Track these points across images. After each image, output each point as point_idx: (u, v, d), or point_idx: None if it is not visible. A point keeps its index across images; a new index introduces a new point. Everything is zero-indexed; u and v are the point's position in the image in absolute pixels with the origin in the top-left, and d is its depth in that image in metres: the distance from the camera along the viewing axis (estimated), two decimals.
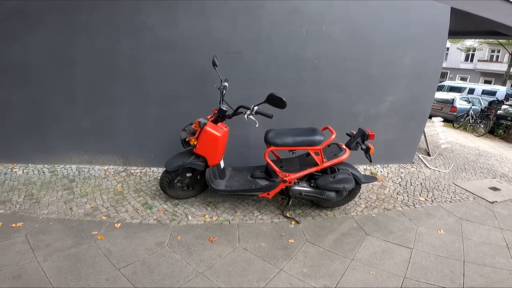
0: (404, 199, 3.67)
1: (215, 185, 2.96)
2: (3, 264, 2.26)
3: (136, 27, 3.35)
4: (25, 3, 3.21)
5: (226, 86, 3.03)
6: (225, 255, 2.54)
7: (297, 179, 2.94)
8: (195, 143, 2.85)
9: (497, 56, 24.88)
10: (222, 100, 2.94)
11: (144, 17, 3.32)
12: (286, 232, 2.88)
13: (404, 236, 2.93)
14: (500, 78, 21.37)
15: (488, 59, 25.29)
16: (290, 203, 3.15)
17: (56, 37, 3.34)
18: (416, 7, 3.61)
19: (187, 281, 2.24)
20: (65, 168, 3.86)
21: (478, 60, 25.52)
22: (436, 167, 4.77)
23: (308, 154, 3.00)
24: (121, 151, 3.91)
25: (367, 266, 2.52)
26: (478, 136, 9.17)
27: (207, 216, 3.03)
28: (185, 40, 3.38)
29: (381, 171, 4.43)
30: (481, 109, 10.38)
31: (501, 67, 22.83)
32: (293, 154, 2.97)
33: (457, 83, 17.39)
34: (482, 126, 9.72)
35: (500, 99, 12.37)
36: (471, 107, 10.58)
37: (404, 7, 3.60)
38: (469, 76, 25.87)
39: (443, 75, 26.29)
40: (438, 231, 3.04)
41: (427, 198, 3.74)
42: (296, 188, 2.93)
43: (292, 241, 2.77)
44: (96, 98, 3.62)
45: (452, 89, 15.39)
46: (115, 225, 2.79)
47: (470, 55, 26.44)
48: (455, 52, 26.15)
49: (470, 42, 23.95)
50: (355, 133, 2.93)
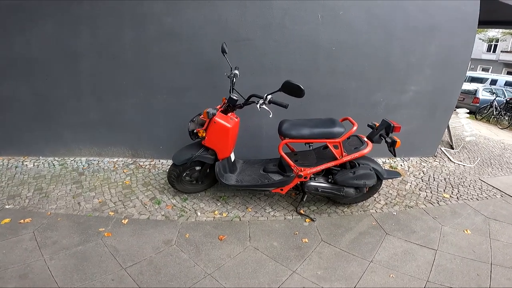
0: (427, 196, 3.43)
1: (225, 180, 2.82)
2: (10, 263, 2.21)
3: (141, 17, 3.20)
4: None
5: (237, 74, 2.84)
6: (235, 255, 2.42)
7: (313, 174, 2.77)
8: (204, 135, 2.70)
9: None
10: (233, 89, 2.77)
11: (149, 6, 3.17)
12: (300, 231, 2.73)
13: (428, 236, 2.73)
14: None
15: None
16: (305, 199, 2.98)
17: (60, 30, 3.24)
18: None
19: (195, 283, 2.13)
20: (75, 161, 3.82)
21: (501, 51, 24.35)
22: (461, 161, 4.47)
23: (326, 147, 2.81)
24: (130, 143, 3.83)
25: (387, 269, 2.34)
26: (502, 129, 8.70)
27: (217, 212, 2.91)
28: (192, 29, 3.21)
29: (401, 165, 4.18)
30: (506, 101, 9.81)
31: None
32: (310, 147, 2.78)
33: (479, 74, 16.60)
34: (507, 119, 9.20)
35: None
36: (495, 99, 10.02)
37: None
38: (491, 67, 24.75)
39: None
40: (465, 231, 2.82)
41: (452, 195, 3.49)
42: (312, 184, 2.75)
43: (306, 241, 2.61)
44: (103, 90, 3.53)
45: (474, 80, 14.72)
46: (123, 221, 2.71)
47: (493, 46, 25.22)
48: (477, 42, 24.87)
49: (493, 33, 22.73)
50: (378, 125, 2.70)
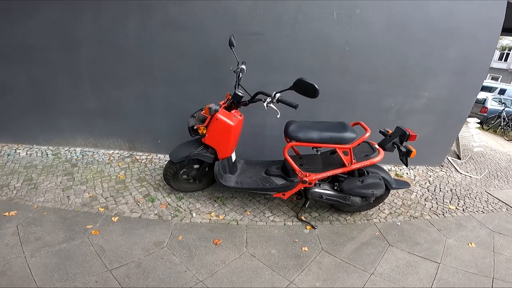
0: (433, 207, 3.28)
1: (224, 181, 2.66)
2: None
3: (146, 4, 3.03)
4: None
5: (244, 69, 2.67)
6: (230, 262, 2.27)
7: (318, 180, 2.61)
8: (204, 132, 2.53)
9: None
10: (238, 85, 2.60)
11: None
12: (300, 238, 2.58)
13: (431, 249, 2.61)
14: None
15: None
16: (307, 205, 2.83)
17: (60, 16, 3.09)
18: None
19: None
20: (69, 151, 3.67)
21: None
22: (467, 172, 4.32)
23: (333, 152, 2.65)
24: (127, 135, 3.68)
25: (388, 282, 2.22)
26: (508, 140, 8.51)
27: (213, 214, 2.76)
28: (199, 19, 3.04)
29: (407, 173, 4.02)
30: None
31: None
32: (317, 152, 2.62)
33: (488, 82, 16.30)
34: None
35: None
36: (504, 109, 9.81)
37: None
38: (501, 76, 24.43)
39: None
40: (469, 245, 2.71)
41: (458, 207, 3.34)
42: (317, 191, 2.59)
43: (306, 249, 2.47)
44: (103, 79, 3.37)
45: (482, 88, 14.41)
46: (112, 219, 2.56)
47: (505, 54, 24.92)
48: None
49: (507, 41, 22.42)
50: (391, 132, 2.54)
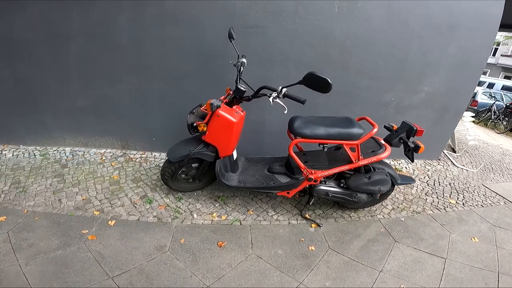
0: (434, 201, 3.27)
1: (226, 180, 2.56)
2: None
3: None
4: None
5: (244, 63, 2.54)
6: (236, 264, 2.18)
7: (324, 178, 2.54)
8: (205, 130, 2.41)
9: None
10: (240, 79, 2.47)
11: None
12: (306, 237, 2.52)
13: (437, 244, 2.60)
14: None
15: None
16: (311, 203, 2.76)
17: (47, 9, 2.89)
18: None
19: None
20: (58, 151, 3.49)
21: (501, 55, 24.56)
22: (463, 165, 4.35)
23: (338, 148, 2.58)
24: (120, 133, 3.52)
25: (397, 279, 2.20)
26: (499, 133, 8.70)
27: (215, 215, 2.66)
28: (195, 12, 2.90)
29: (406, 167, 4.01)
30: (506, 106, 9.79)
31: None
32: (324, 148, 2.54)
33: None
34: (504, 124, 9.18)
35: None
36: (495, 103, 10.00)
37: None
38: (489, 70, 24.96)
39: None
40: (472, 239, 2.72)
41: (458, 201, 3.35)
42: (322, 188, 2.53)
43: (313, 248, 2.40)
44: (94, 75, 3.20)
45: None
46: (109, 223, 2.42)
47: (493, 49, 25.49)
48: None
49: (497, 37, 22.90)
50: (396, 127, 2.48)
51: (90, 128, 3.48)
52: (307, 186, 2.58)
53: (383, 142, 2.55)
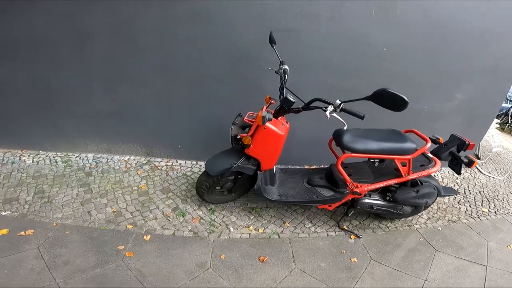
0: (468, 210, 3.20)
1: (267, 194, 2.45)
2: (16, 286, 1.82)
3: None
4: None
5: (287, 70, 2.40)
6: (281, 280, 2.09)
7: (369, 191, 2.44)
8: (250, 143, 2.26)
9: None
10: (284, 88, 2.32)
11: None
12: (347, 249, 2.44)
13: (476, 252, 2.59)
14: None
15: None
16: (350, 215, 2.66)
17: (69, 7, 2.75)
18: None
19: None
20: (81, 158, 3.37)
21: None
22: (489, 173, 4.26)
23: (382, 161, 2.47)
24: (144, 140, 3.39)
25: (443, 287, 2.21)
26: None
27: (252, 228, 2.55)
28: (227, 11, 2.76)
29: (434, 175, 3.92)
30: None
31: None
32: (374, 163, 2.43)
33: None
34: None
35: None
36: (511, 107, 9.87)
37: None
38: None
39: None
40: (508, 247, 2.71)
41: (490, 210, 3.29)
42: (367, 201, 2.43)
43: (356, 260, 2.34)
44: (117, 77, 3.06)
45: None
46: (144, 238, 2.32)
47: None
48: None
49: None
50: (442, 140, 2.39)
51: (113, 134, 3.36)
52: (349, 199, 2.48)
53: (431, 156, 2.45)
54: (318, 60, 2.97)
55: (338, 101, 1.98)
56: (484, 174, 4.17)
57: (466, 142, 2.25)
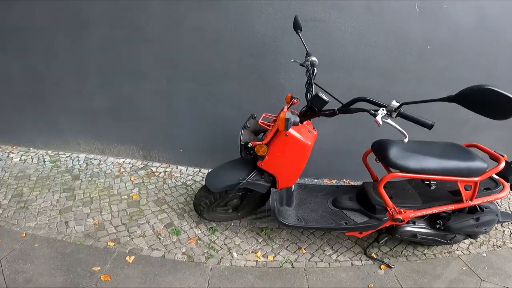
0: None
1: (282, 218, 1.96)
2: None
3: None
4: None
5: (315, 62, 1.94)
6: None
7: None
8: (264, 154, 1.78)
9: None
10: (313, 83, 1.85)
11: None
12: (376, 282, 1.97)
13: None
14: None
15: None
16: (381, 242, 2.16)
17: None
18: None
19: None
20: (71, 158, 3.03)
21: None
22: None
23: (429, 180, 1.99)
24: (142, 141, 3.03)
25: None
26: None
27: (259, 254, 2.09)
28: None
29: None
30: None
31: None
32: (431, 186, 1.89)
33: None
34: None
35: None
36: None
37: None
38: None
39: None
40: None
41: None
42: (410, 230, 1.95)
43: None
44: (115, 70, 2.74)
45: None
46: (127, 259, 1.90)
47: None
48: None
49: None
50: (506, 158, 1.90)
51: (108, 133, 3.01)
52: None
53: (497, 177, 1.95)
54: (349, 57, 2.56)
55: (395, 103, 1.45)
56: None
57: None
